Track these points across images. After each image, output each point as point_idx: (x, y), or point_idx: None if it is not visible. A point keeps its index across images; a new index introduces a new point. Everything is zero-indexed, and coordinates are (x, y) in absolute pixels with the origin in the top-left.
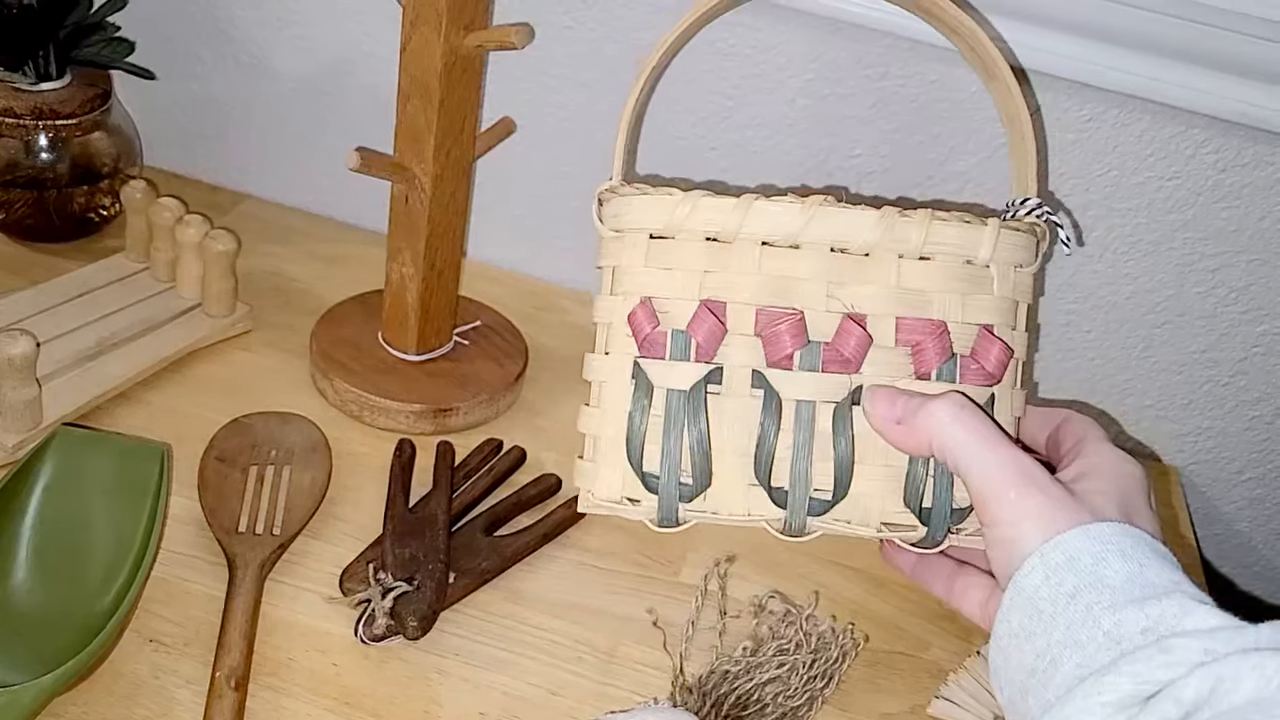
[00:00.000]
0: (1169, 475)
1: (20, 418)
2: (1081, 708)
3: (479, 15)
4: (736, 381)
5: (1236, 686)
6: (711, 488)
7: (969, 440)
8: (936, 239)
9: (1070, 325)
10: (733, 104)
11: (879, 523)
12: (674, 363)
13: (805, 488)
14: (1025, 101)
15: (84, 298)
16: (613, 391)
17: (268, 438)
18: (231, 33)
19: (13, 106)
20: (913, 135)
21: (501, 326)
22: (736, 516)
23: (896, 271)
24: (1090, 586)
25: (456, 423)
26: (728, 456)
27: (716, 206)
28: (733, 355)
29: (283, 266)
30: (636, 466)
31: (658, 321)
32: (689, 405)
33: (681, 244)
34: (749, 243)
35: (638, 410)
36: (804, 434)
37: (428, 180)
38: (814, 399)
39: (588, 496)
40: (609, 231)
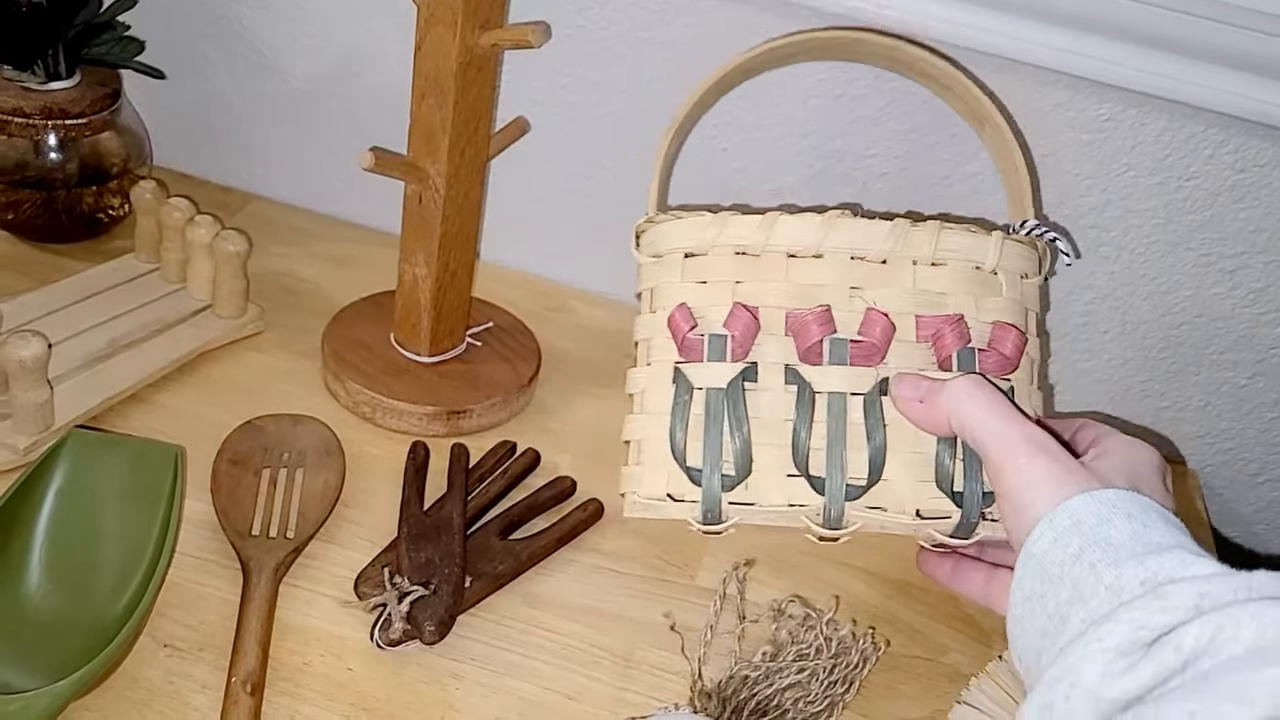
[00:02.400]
0: (1187, 477)
1: (32, 420)
2: (1084, 654)
3: (495, 13)
4: (770, 377)
5: (1236, 635)
6: (752, 477)
7: (983, 414)
8: (946, 246)
9: (1087, 326)
10: (744, 104)
11: (914, 510)
12: (711, 363)
13: (841, 474)
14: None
15: (94, 299)
16: (654, 397)
17: (280, 440)
18: (241, 32)
19: (22, 106)
20: (927, 136)
21: (514, 328)
22: (777, 507)
23: (913, 276)
24: (1094, 546)
25: (470, 425)
26: (766, 449)
27: (744, 223)
28: (766, 353)
29: (292, 267)
30: (680, 461)
31: (694, 322)
32: (728, 400)
33: (714, 258)
34: (776, 254)
35: (679, 409)
36: (837, 424)
37: (442, 180)
38: (844, 390)
39: (633, 499)
40: (647, 258)
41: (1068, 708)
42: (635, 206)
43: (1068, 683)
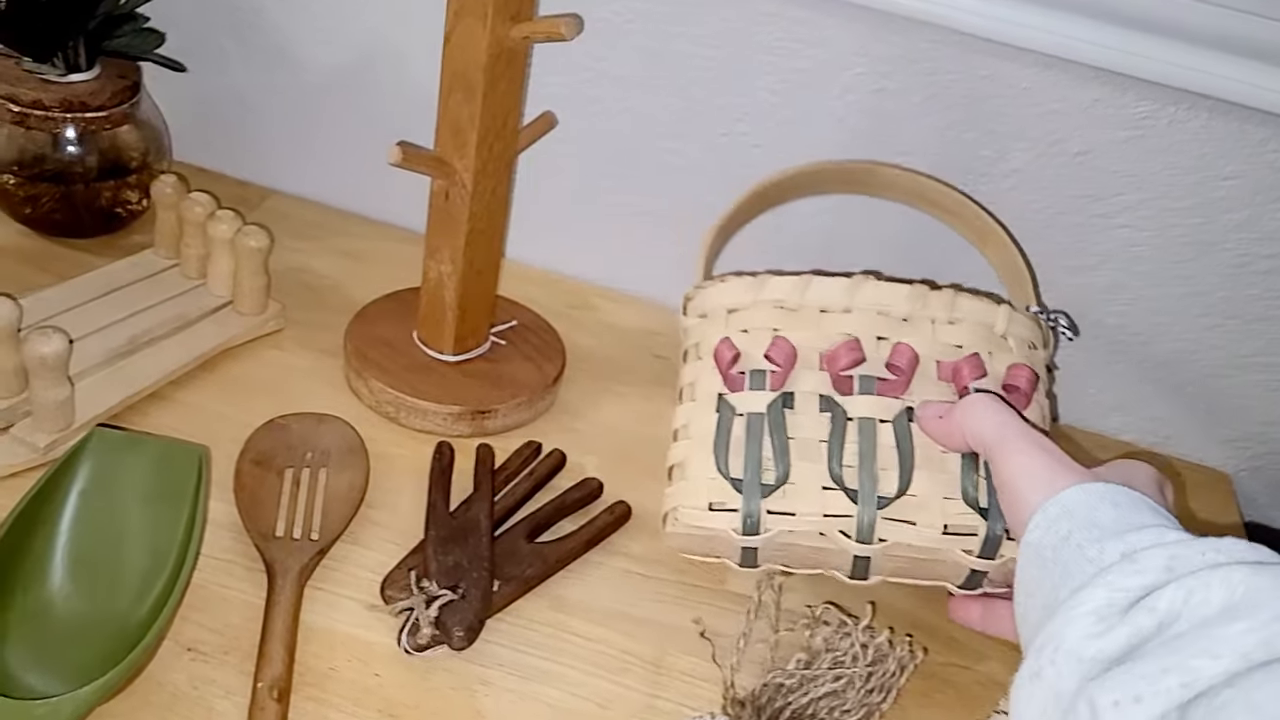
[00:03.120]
0: (1220, 482)
1: (53, 418)
2: (1065, 619)
3: (525, 5)
4: (806, 404)
5: (1207, 598)
6: (789, 486)
7: (988, 416)
8: (960, 309)
9: (1120, 327)
10: (778, 99)
11: (941, 524)
12: (752, 391)
13: (873, 485)
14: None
15: (113, 294)
16: (698, 424)
17: (303, 440)
18: (261, 24)
19: (41, 99)
20: (965, 131)
21: (538, 326)
22: (813, 516)
23: (932, 331)
24: (1082, 528)
25: (494, 425)
26: (803, 464)
27: (782, 283)
28: (802, 383)
29: (312, 263)
30: (723, 471)
31: (738, 351)
32: (768, 419)
33: (755, 311)
34: (810, 309)
35: (722, 430)
36: (868, 444)
37: (469, 176)
38: (873, 416)
39: (674, 518)
40: (693, 319)
41: (1054, 671)
42: (659, 203)
43: (1052, 647)
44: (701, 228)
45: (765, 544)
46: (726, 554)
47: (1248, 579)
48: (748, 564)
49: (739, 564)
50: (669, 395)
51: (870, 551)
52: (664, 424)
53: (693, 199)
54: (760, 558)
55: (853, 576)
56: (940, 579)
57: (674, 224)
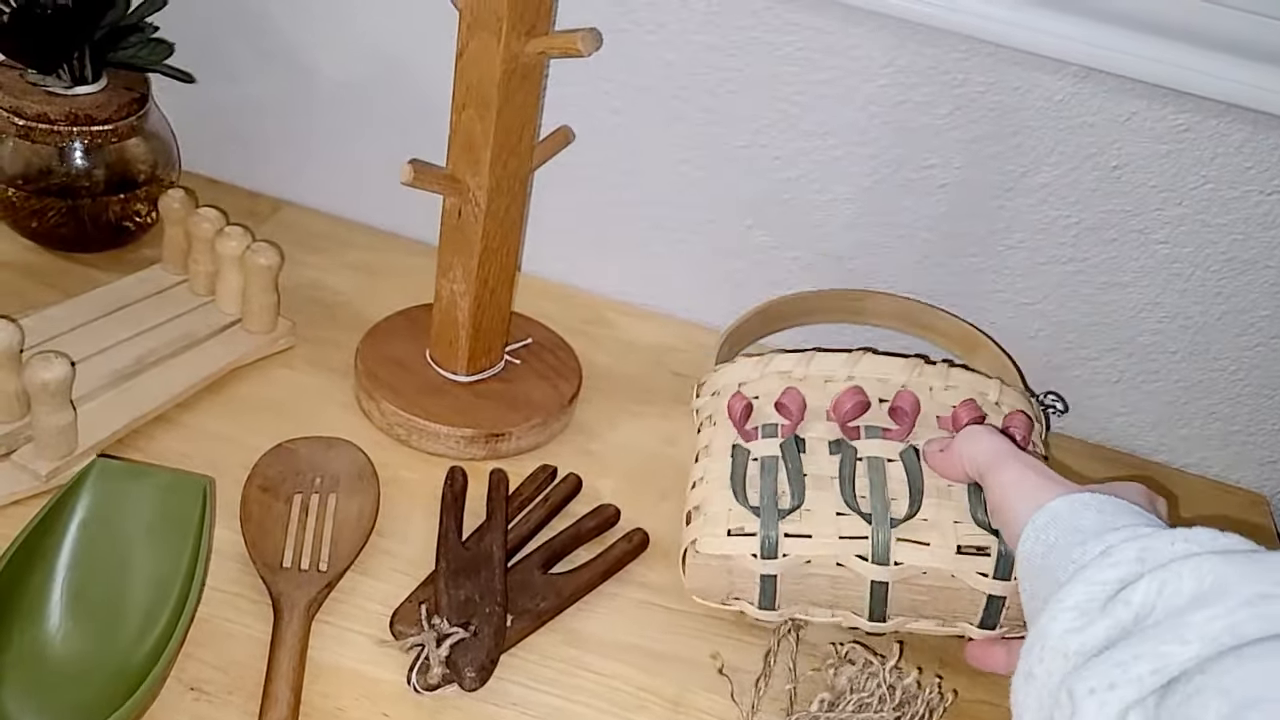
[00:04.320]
0: (1258, 504)
1: (55, 444)
2: (1050, 616)
3: (541, 19)
4: (817, 447)
5: (1179, 589)
6: (805, 509)
7: (987, 447)
8: (954, 380)
9: (1155, 346)
10: (799, 111)
11: (954, 544)
12: (765, 439)
13: (885, 509)
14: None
15: (120, 312)
16: (715, 468)
17: (312, 464)
18: (273, 34)
19: (46, 112)
20: (991, 145)
21: (553, 344)
22: (829, 538)
23: (930, 395)
24: (1066, 533)
25: (508, 448)
26: (817, 492)
27: (787, 358)
28: (811, 431)
29: (324, 278)
30: (741, 501)
31: (749, 403)
32: (783, 454)
33: (763, 381)
34: (815, 379)
35: (738, 468)
36: (878, 476)
37: (483, 194)
38: (881, 455)
39: (693, 549)
40: (707, 397)
41: (1044, 669)
42: (678, 215)
43: (1040, 646)
44: (720, 240)
45: (784, 572)
46: (745, 590)
47: (1216, 568)
48: (766, 603)
49: (758, 604)
50: (686, 414)
51: (887, 576)
52: (682, 444)
53: (712, 211)
54: (779, 594)
55: (871, 617)
56: (958, 615)
57: (692, 237)
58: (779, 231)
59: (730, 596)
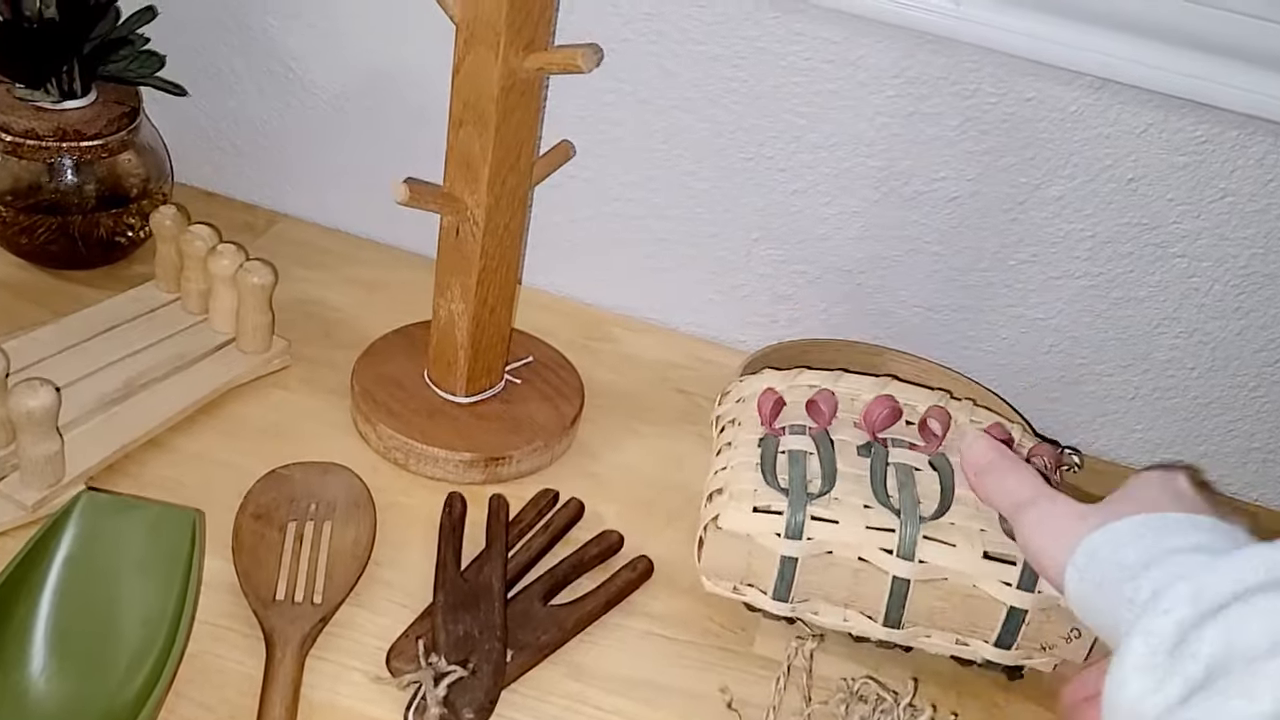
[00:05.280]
0: None
1: (41, 473)
2: (1117, 682)
3: (541, 34)
4: (846, 449)
5: (1247, 636)
6: (833, 497)
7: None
8: (979, 416)
9: (1172, 362)
10: (805, 122)
11: (981, 549)
12: (794, 435)
13: (914, 505)
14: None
15: (111, 332)
16: (741, 456)
17: (307, 491)
18: (268, 45)
19: (34, 128)
20: (1003, 157)
21: (554, 362)
22: (854, 527)
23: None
24: (1111, 570)
25: (509, 471)
26: (846, 484)
27: (814, 375)
28: (841, 433)
29: (321, 294)
30: (770, 478)
31: (780, 398)
32: (816, 445)
33: (792, 390)
34: (843, 396)
35: (767, 455)
36: (907, 478)
37: (481, 212)
38: (909, 463)
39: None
40: (731, 404)
41: None
42: (681, 228)
43: (1118, 709)
44: (725, 253)
45: (805, 558)
46: (762, 574)
47: None
48: (781, 592)
49: (772, 592)
50: (692, 434)
51: (910, 573)
52: (687, 467)
53: (716, 224)
54: (796, 583)
55: (886, 620)
56: (975, 628)
57: (697, 250)
58: (785, 245)
59: (744, 582)
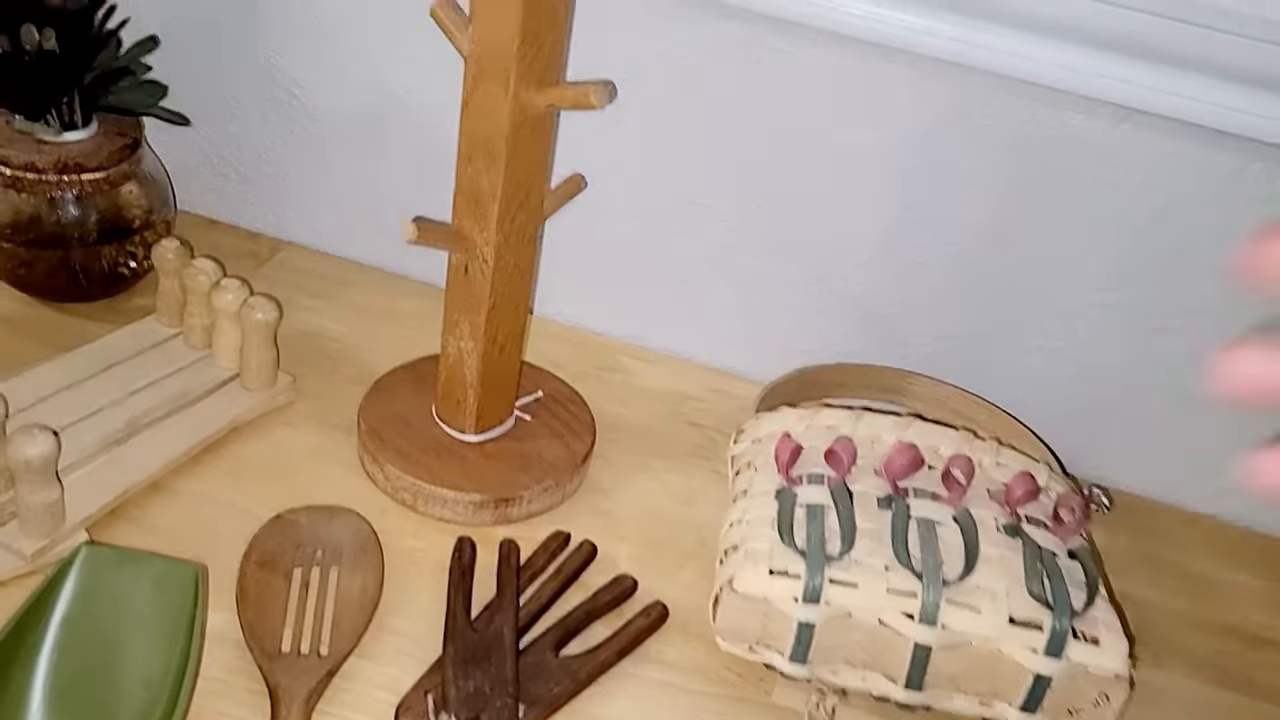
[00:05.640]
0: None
1: (40, 522)
2: None
3: (552, 68)
4: (866, 501)
5: None
6: (853, 559)
7: None
8: (1004, 458)
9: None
10: (818, 149)
11: (1007, 614)
12: (812, 485)
13: (937, 567)
14: None
15: (112, 369)
16: (757, 510)
17: (313, 536)
18: (271, 71)
19: (34, 161)
20: (1023, 186)
21: (564, 396)
22: (875, 591)
23: (980, 471)
24: None
25: (519, 512)
26: (866, 542)
27: (834, 415)
28: (859, 483)
29: (326, 324)
30: (788, 538)
31: (798, 446)
32: (834, 499)
33: (809, 434)
34: (863, 439)
35: (785, 511)
36: (929, 535)
37: (490, 250)
38: (932, 517)
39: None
40: (747, 444)
41: None
42: (692, 255)
43: None
44: (736, 281)
45: (824, 622)
46: (778, 638)
47: None
48: (798, 656)
49: (789, 655)
50: (705, 470)
51: (932, 639)
52: (700, 504)
53: (728, 252)
54: (814, 648)
55: (907, 684)
56: (999, 693)
57: (708, 278)
58: (797, 272)
59: (759, 643)
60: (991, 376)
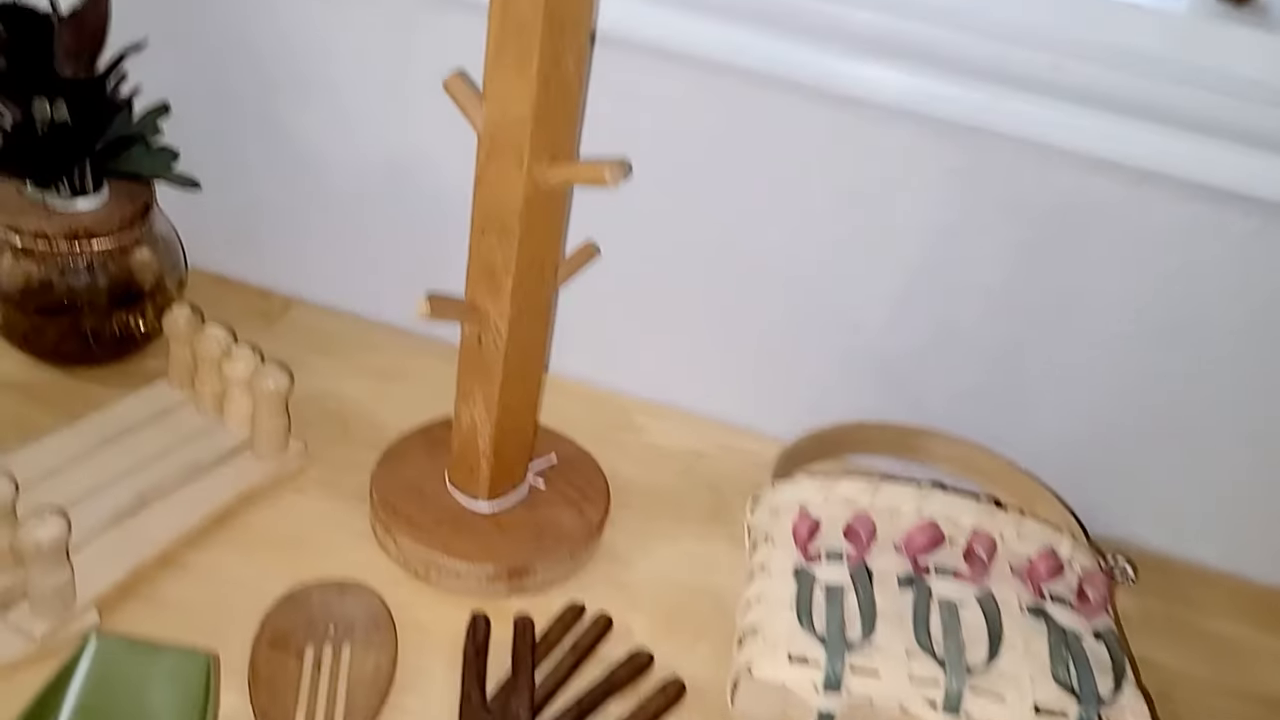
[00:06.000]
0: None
1: (50, 604)
2: None
3: (565, 145)
4: (886, 580)
5: None
6: (874, 645)
7: None
8: (1026, 530)
9: (1228, 453)
10: (836, 209)
11: (1032, 702)
12: (831, 564)
13: (960, 654)
14: None
15: (122, 439)
16: (776, 590)
17: (325, 612)
18: (282, 132)
19: (44, 229)
20: (1041, 248)
21: (579, 461)
22: (897, 679)
23: (1002, 544)
24: None
25: (533, 583)
26: (887, 628)
27: (852, 485)
28: (880, 562)
29: (337, 385)
30: (805, 625)
31: (816, 523)
32: (854, 581)
33: (827, 506)
34: (882, 510)
35: (804, 592)
36: (952, 619)
37: (504, 323)
38: (954, 598)
39: (746, 673)
40: (764, 516)
41: None
42: (707, 315)
43: None
44: (752, 340)
45: (844, 711)
46: None
47: None
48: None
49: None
50: (722, 534)
51: None
52: (718, 571)
53: (744, 310)
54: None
55: None
56: None
57: (724, 336)
58: (814, 332)
59: None
60: (1009, 432)
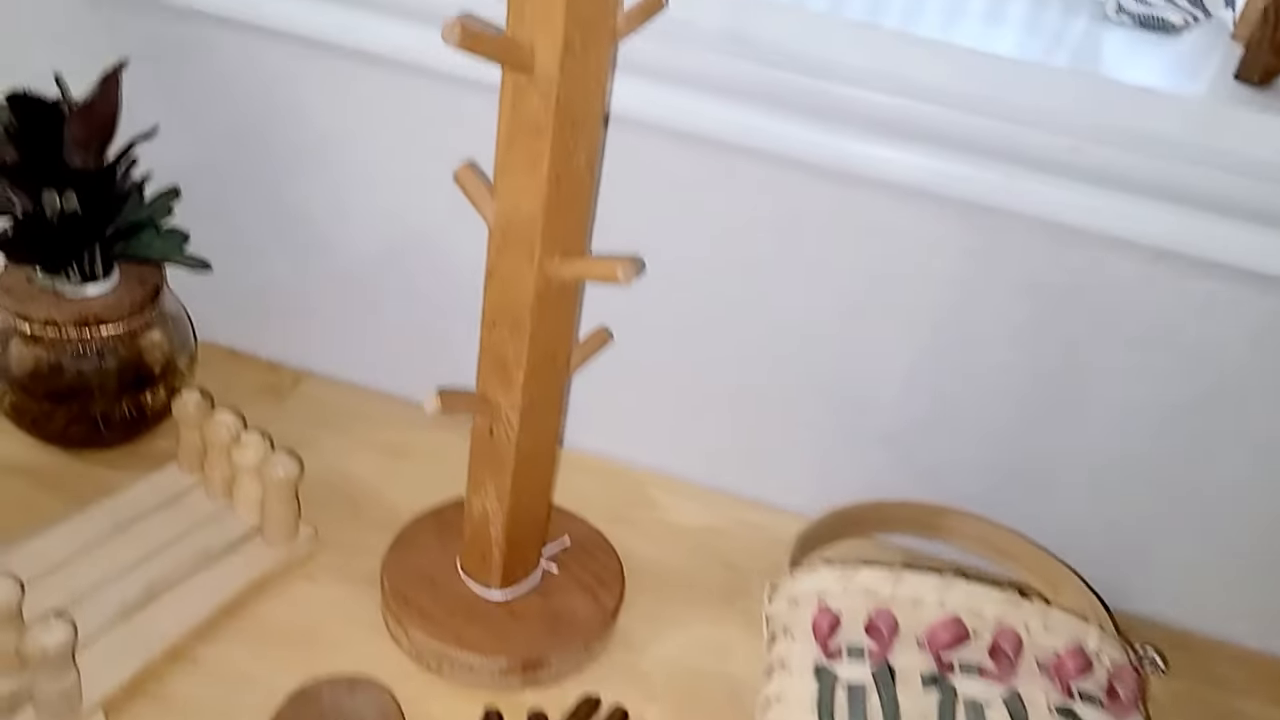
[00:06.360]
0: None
1: (55, 709)
2: None
3: (578, 240)
4: (909, 680)
5: None
6: None
7: None
8: (1052, 622)
9: (1252, 527)
10: (849, 287)
11: None
12: (853, 661)
13: None
14: None
15: (131, 528)
16: (797, 689)
17: (335, 711)
18: (290, 209)
19: (53, 316)
20: (1058, 327)
21: (592, 543)
22: None
23: (1028, 637)
24: None
25: (548, 675)
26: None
27: (872, 575)
28: (902, 659)
29: (347, 463)
30: None
31: (836, 618)
32: (876, 681)
33: (846, 596)
34: (904, 601)
35: (825, 694)
36: (977, 718)
37: (515, 414)
38: (980, 698)
39: None
40: (783, 606)
41: None
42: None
43: None
44: (767, 413)
45: None
46: None
47: None
48: None
49: None
50: (738, 618)
51: None
52: (735, 657)
53: (758, 383)
54: None
55: None
56: None
57: (737, 411)
58: (828, 408)
59: None
60: (1029, 511)
